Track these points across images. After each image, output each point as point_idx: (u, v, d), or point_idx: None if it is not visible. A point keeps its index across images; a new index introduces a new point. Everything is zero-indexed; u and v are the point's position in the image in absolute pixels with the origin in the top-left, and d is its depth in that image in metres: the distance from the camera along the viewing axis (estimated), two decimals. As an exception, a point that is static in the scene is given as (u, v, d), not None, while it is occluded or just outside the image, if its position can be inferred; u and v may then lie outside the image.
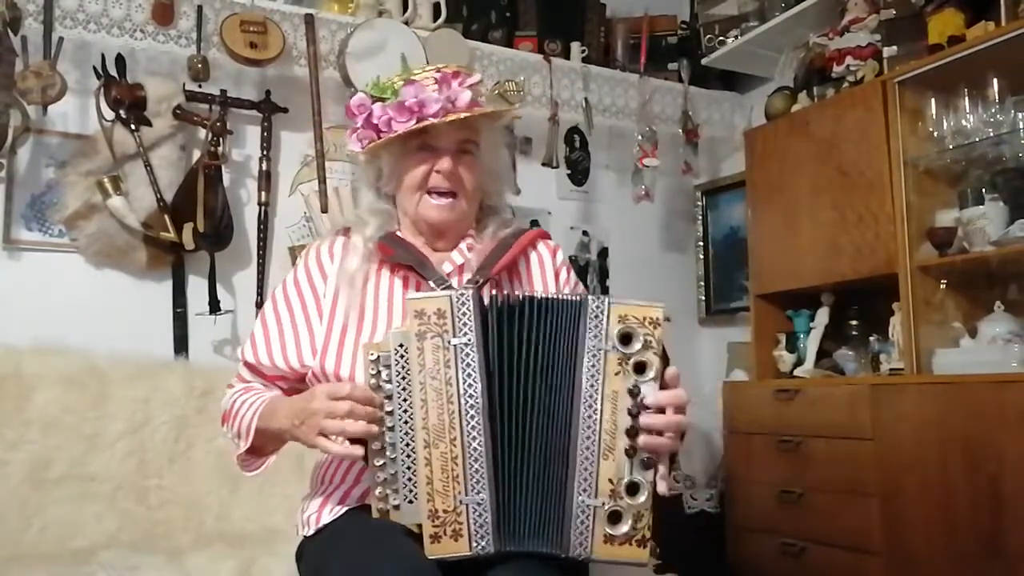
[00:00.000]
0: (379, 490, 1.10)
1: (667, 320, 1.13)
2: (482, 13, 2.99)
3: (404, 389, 1.10)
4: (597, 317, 1.11)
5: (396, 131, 1.33)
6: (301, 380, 1.37)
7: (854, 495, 2.30)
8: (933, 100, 2.36)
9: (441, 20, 2.80)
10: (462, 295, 1.13)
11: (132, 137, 2.31)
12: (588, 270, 3.18)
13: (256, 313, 2.48)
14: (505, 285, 1.39)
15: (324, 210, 2.57)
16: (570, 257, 3.07)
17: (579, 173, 3.21)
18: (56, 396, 2.09)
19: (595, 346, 1.11)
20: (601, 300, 1.12)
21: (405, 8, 2.78)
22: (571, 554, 1.08)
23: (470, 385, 1.10)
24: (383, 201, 1.44)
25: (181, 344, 2.45)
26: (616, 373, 1.10)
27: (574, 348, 1.12)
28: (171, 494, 2.14)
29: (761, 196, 2.87)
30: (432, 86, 1.33)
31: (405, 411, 1.10)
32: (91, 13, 2.33)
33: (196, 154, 2.47)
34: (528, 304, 1.15)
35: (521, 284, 1.42)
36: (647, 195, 3.06)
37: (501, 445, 1.10)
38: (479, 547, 1.06)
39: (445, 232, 1.41)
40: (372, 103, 1.37)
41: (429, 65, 1.42)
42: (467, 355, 1.10)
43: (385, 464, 1.10)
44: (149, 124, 2.33)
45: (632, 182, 3.09)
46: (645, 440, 1.09)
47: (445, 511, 1.07)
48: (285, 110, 2.60)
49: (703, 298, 3.45)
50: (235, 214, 2.51)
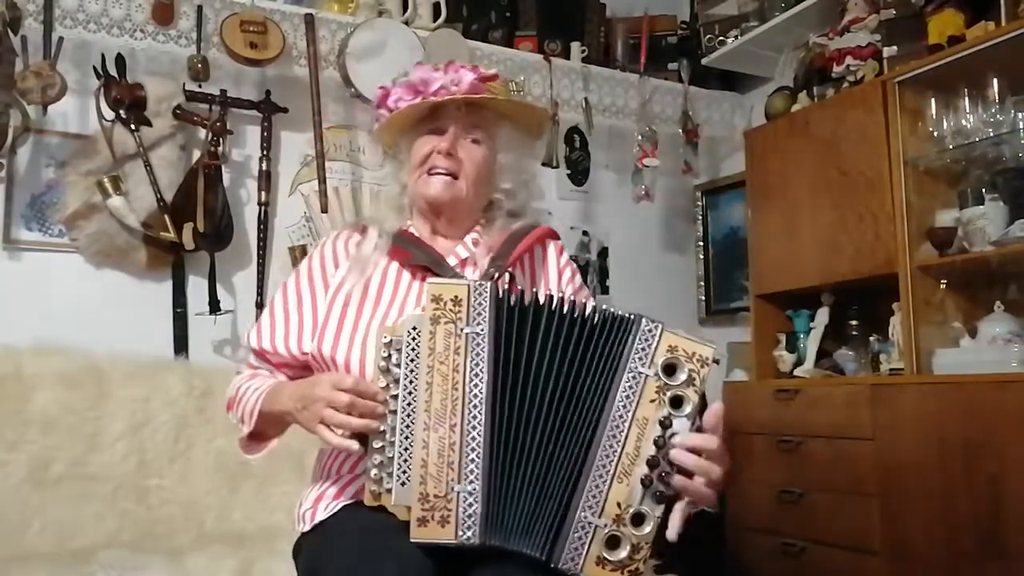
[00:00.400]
0: (375, 472, 1.10)
1: (715, 362, 1.10)
2: (482, 13, 2.99)
3: (412, 372, 1.10)
4: (647, 340, 1.09)
5: (401, 108, 1.39)
6: (305, 367, 1.37)
7: (854, 495, 2.30)
8: (933, 100, 2.36)
9: (441, 20, 2.80)
10: (480, 286, 1.13)
11: (132, 137, 2.31)
12: (588, 270, 3.18)
13: (256, 313, 2.49)
14: (518, 277, 1.39)
15: (324, 210, 2.57)
16: (570, 257, 3.06)
17: (579, 173, 3.21)
18: (56, 396, 2.09)
19: (636, 368, 1.08)
20: (655, 325, 1.10)
21: (405, 8, 2.78)
22: (559, 565, 1.06)
23: (476, 375, 1.09)
24: (403, 195, 1.46)
25: (181, 344, 2.45)
26: (651, 401, 1.08)
27: (612, 363, 1.10)
28: (171, 494, 2.14)
29: (761, 196, 2.87)
30: (440, 69, 1.39)
31: (410, 393, 1.09)
32: (91, 13, 2.33)
33: (196, 154, 2.47)
34: (548, 305, 1.13)
35: (526, 279, 1.43)
36: (647, 195, 3.06)
37: (501, 438, 1.09)
38: (464, 536, 1.05)
39: (442, 211, 1.42)
40: (392, 87, 1.43)
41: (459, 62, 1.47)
42: (478, 344, 1.10)
43: (384, 447, 1.10)
44: (149, 124, 2.33)
45: (632, 182, 3.09)
46: (673, 477, 1.06)
47: (436, 496, 1.06)
48: (285, 110, 2.60)
49: (703, 298, 3.45)
50: (235, 214, 2.52)
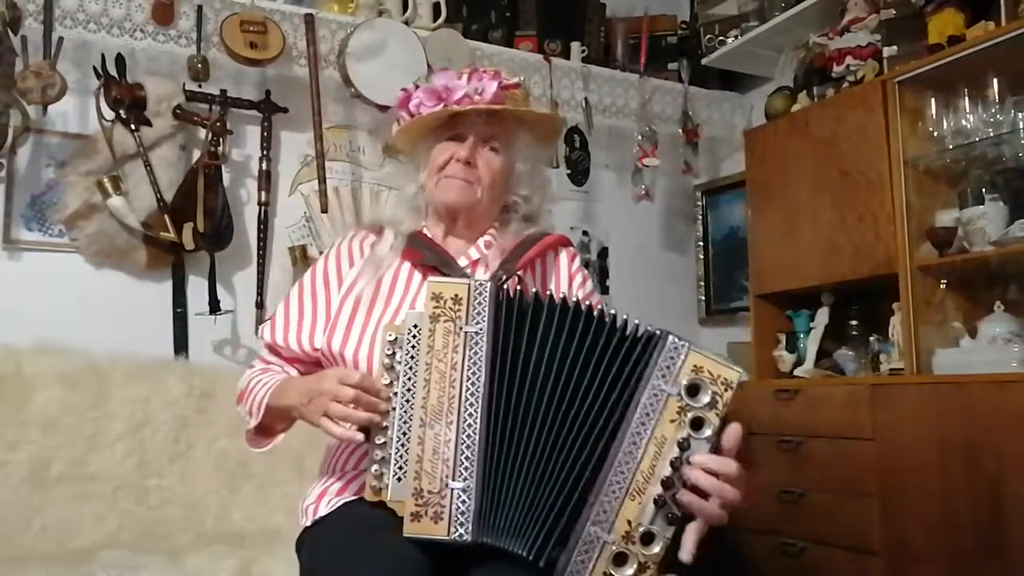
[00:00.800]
0: (375, 468, 1.11)
1: (740, 387, 1.08)
2: (482, 13, 2.99)
3: (411, 368, 1.11)
4: (672, 358, 1.08)
5: (422, 114, 1.39)
6: (316, 363, 1.38)
7: (854, 495, 2.30)
8: (933, 100, 2.36)
9: (441, 20, 2.80)
10: (480, 285, 1.13)
11: (132, 137, 2.31)
12: (588, 270, 3.16)
13: (256, 313, 2.50)
14: (528, 282, 1.39)
15: (324, 210, 2.57)
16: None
17: (579, 173, 3.21)
18: (56, 396, 2.09)
19: (659, 386, 1.07)
20: (682, 344, 1.08)
21: (405, 8, 2.78)
22: (561, 574, 1.05)
23: (474, 372, 1.10)
24: (418, 196, 1.47)
25: (181, 344, 2.45)
26: (671, 420, 1.06)
27: (631, 375, 1.09)
28: (171, 494, 2.14)
29: (761, 196, 2.87)
30: (464, 77, 1.39)
31: (408, 390, 1.10)
32: (91, 13, 2.33)
33: (196, 154, 2.47)
34: (548, 306, 1.13)
35: (537, 284, 1.43)
36: (647, 195, 3.06)
37: (496, 436, 1.09)
38: (457, 533, 1.05)
39: (458, 216, 1.43)
40: (415, 90, 1.43)
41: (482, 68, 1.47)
42: (476, 343, 1.11)
43: (385, 443, 1.11)
44: (149, 124, 2.33)
45: (632, 182, 3.09)
46: (687, 497, 1.06)
47: (430, 492, 1.06)
48: (285, 110, 2.60)
49: (703, 298, 3.44)
50: (235, 214, 2.52)
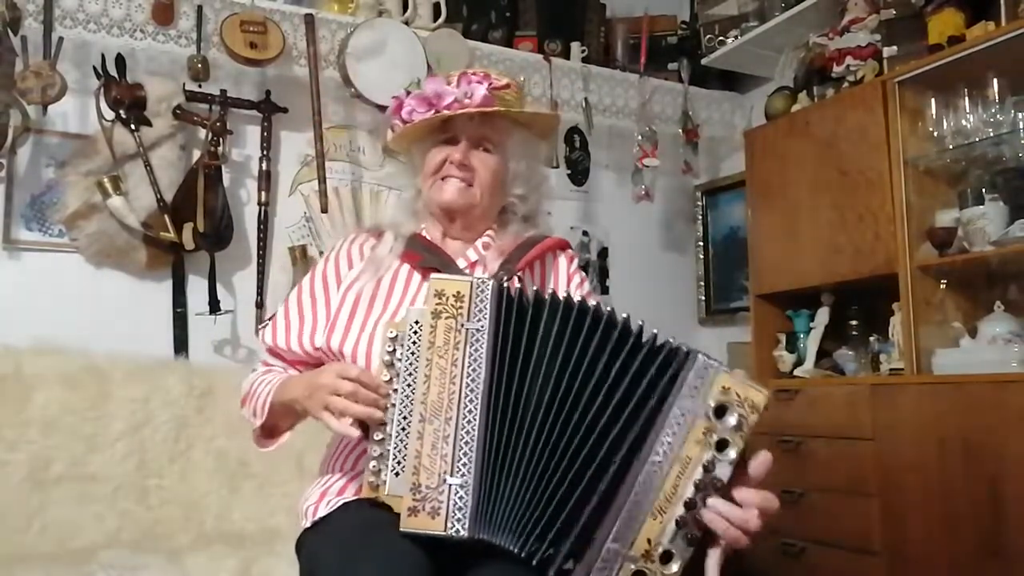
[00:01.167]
0: (373, 464, 1.11)
1: (765, 409, 1.08)
2: (482, 13, 2.99)
3: (411, 364, 1.12)
4: (701, 378, 1.07)
5: (415, 121, 1.41)
6: (319, 364, 1.39)
7: (854, 495, 2.30)
8: (933, 100, 2.36)
9: (441, 20, 2.81)
10: (483, 282, 1.14)
11: (132, 137, 2.31)
12: (588, 270, 3.17)
13: (256, 313, 2.50)
14: (527, 283, 1.40)
15: (324, 210, 2.57)
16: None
17: (579, 173, 3.21)
18: (56, 396, 2.09)
19: (687, 406, 1.07)
20: (712, 363, 1.08)
21: (405, 8, 2.78)
22: None
23: (474, 369, 1.10)
24: (417, 200, 1.49)
25: (181, 344, 2.45)
26: (697, 441, 1.06)
27: (655, 392, 1.08)
28: (171, 494, 2.14)
29: (761, 196, 2.87)
30: (454, 81, 1.41)
31: (408, 385, 1.11)
32: (91, 13, 2.33)
33: (196, 154, 2.47)
34: (551, 305, 1.14)
35: (536, 285, 1.43)
36: (647, 195, 3.06)
37: (495, 434, 1.09)
38: (454, 529, 1.05)
39: (456, 217, 1.44)
40: (406, 96, 1.45)
41: (469, 69, 1.49)
42: (477, 340, 1.11)
43: (383, 439, 1.11)
44: (149, 124, 2.33)
45: (632, 182, 3.09)
46: (699, 519, 1.06)
47: (428, 487, 1.06)
48: (285, 110, 2.60)
49: (703, 298, 3.44)
50: (235, 214, 2.51)
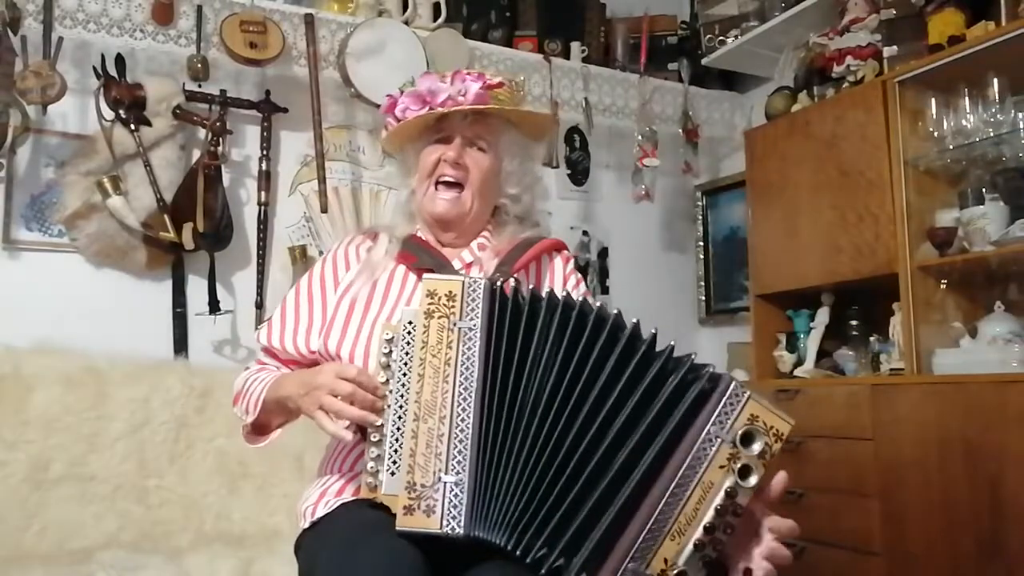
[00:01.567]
0: (370, 465, 1.12)
1: (786, 440, 1.09)
2: (482, 13, 2.99)
3: (406, 364, 1.12)
4: (731, 403, 1.08)
5: (408, 118, 1.41)
6: (313, 365, 1.39)
7: (854, 495, 2.30)
8: (933, 100, 2.36)
9: (441, 20, 2.80)
10: (475, 282, 1.15)
11: (132, 137, 2.30)
12: (588, 270, 3.17)
13: (256, 313, 2.50)
14: (523, 284, 1.40)
15: (324, 210, 2.57)
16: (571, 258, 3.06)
17: (579, 173, 3.21)
18: (56, 396, 2.09)
19: (714, 432, 1.07)
20: (742, 390, 1.08)
21: (405, 8, 2.78)
22: None
23: (467, 368, 1.11)
24: (411, 200, 1.48)
25: (181, 344, 2.45)
26: (720, 466, 1.07)
27: (677, 408, 1.08)
28: (171, 494, 2.14)
29: (761, 196, 2.87)
30: (448, 79, 1.41)
31: (403, 385, 1.12)
32: (91, 13, 2.33)
33: (196, 154, 2.47)
34: (548, 303, 1.14)
35: (531, 286, 1.43)
36: (647, 195, 3.06)
37: (489, 432, 1.09)
38: (449, 527, 1.05)
39: (450, 225, 1.45)
40: (400, 95, 1.45)
41: (464, 69, 1.49)
42: (470, 339, 1.12)
43: (380, 440, 1.12)
44: (149, 124, 2.33)
45: (632, 182, 3.09)
46: (718, 544, 1.05)
47: (423, 485, 1.07)
48: (285, 110, 2.59)
49: (703, 298, 3.44)
50: (235, 214, 2.51)
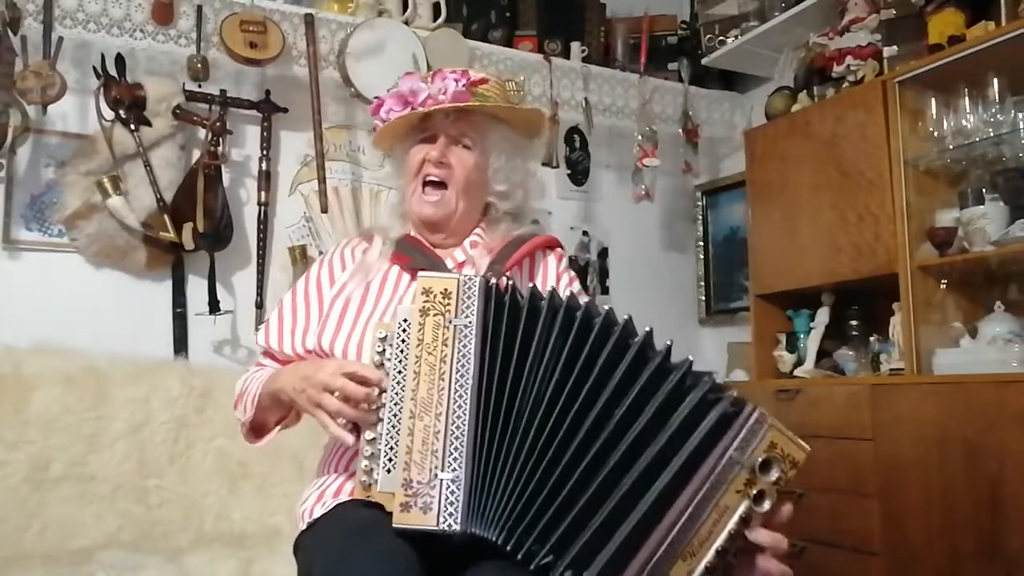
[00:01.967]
0: (365, 464, 1.11)
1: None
2: (482, 13, 2.99)
3: (401, 362, 1.13)
4: (752, 431, 1.06)
5: (390, 119, 1.41)
6: None
7: (854, 495, 2.30)
8: (933, 100, 2.36)
9: (441, 20, 2.80)
10: (470, 280, 1.15)
11: (132, 137, 2.30)
12: (588, 270, 3.17)
13: (256, 313, 2.50)
14: (516, 281, 1.40)
15: (324, 210, 2.57)
16: (570, 257, 3.07)
17: (579, 173, 3.21)
18: (56, 396, 2.08)
19: (735, 456, 1.06)
20: (763, 417, 1.06)
21: (405, 8, 2.78)
22: None
23: (463, 365, 1.11)
24: (404, 201, 1.49)
25: (180, 344, 2.45)
26: (737, 491, 1.06)
27: (697, 430, 1.06)
28: (171, 494, 2.14)
29: (761, 196, 2.87)
30: (429, 78, 1.40)
31: (399, 383, 1.12)
32: (91, 13, 2.33)
33: (196, 154, 2.47)
34: (549, 304, 1.14)
35: (524, 284, 1.43)
36: (647, 195, 3.06)
37: (485, 429, 1.09)
38: (446, 523, 1.05)
39: (438, 227, 1.45)
40: (386, 97, 1.45)
41: (449, 68, 1.46)
42: (465, 336, 1.12)
43: (375, 439, 1.12)
44: (149, 124, 2.33)
45: (632, 182, 3.09)
46: (729, 567, 1.05)
47: (419, 483, 1.07)
48: (285, 110, 2.59)
49: (703, 298, 3.44)
50: (235, 214, 2.51)
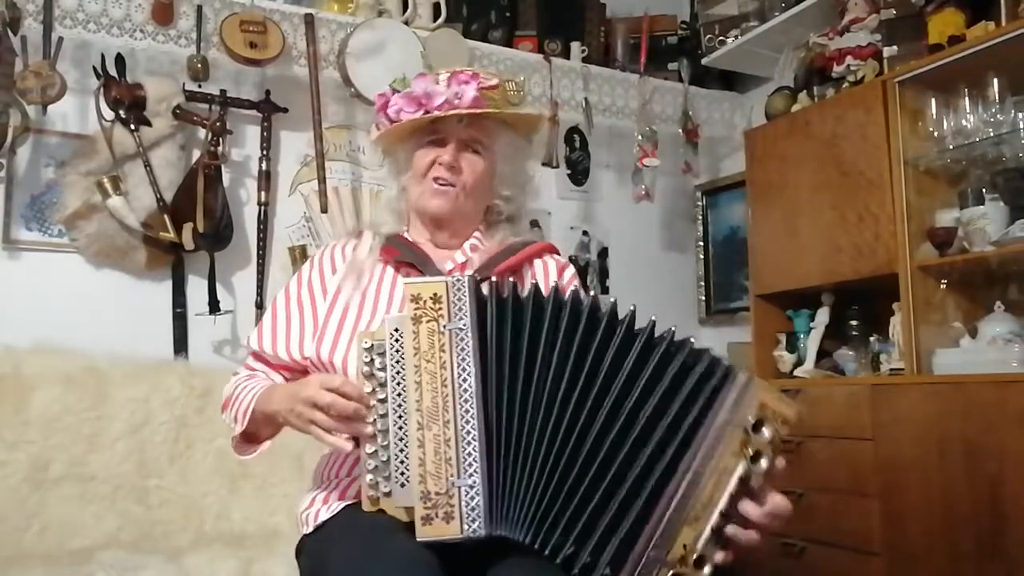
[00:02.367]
0: (370, 477, 1.10)
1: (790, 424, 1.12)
2: (482, 13, 2.99)
3: (399, 373, 1.11)
4: (742, 393, 1.11)
5: (402, 120, 1.39)
6: (304, 372, 1.39)
7: (854, 495, 2.30)
8: (933, 100, 2.35)
9: (441, 20, 2.80)
10: (458, 281, 1.14)
11: (132, 137, 2.30)
12: (588, 270, 3.17)
13: (256, 313, 2.49)
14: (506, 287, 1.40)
15: (324, 210, 2.57)
16: (570, 257, 3.06)
17: (579, 173, 3.21)
18: (56, 396, 2.09)
19: (728, 419, 1.10)
20: (750, 379, 1.11)
21: (405, 8, 2.78)
22: None
23: (464, 369, 1.10)
24: (400, 198, 1.48)
25: (181, 344, 2.45)
26: (734, 453, 1.09)
27: (695, 401, 1.10)
28: (171, 494, 2.14)
29: (761, 196, 2.87)
30: (443, 81, 1.39)
31: (399, 395, 1.10)
32: (91, 13, 2.33)
33: (196, 154, 2.47)
34: (535, 297, 1.14)
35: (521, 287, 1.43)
36: (647, 195, 3.06)
37: (496, 429, 1.09)
38: (470, 530, 1.05)
39: (444, 224, 1.44)
40: (392, 94, 1.43)
41: (457, 67, 1.46)
42: (462, 339, 1.11)
43: (377, 451, 1.10)
44: (149, 124, 2.33)
45: (632, 182, 3.09)
46: (735, 530, 1.08)
47: (437, 493, 1.06)
48: (285, 110, 2.59)
49: (703, 298, 3.44)
50: (235, 214, 2.51)
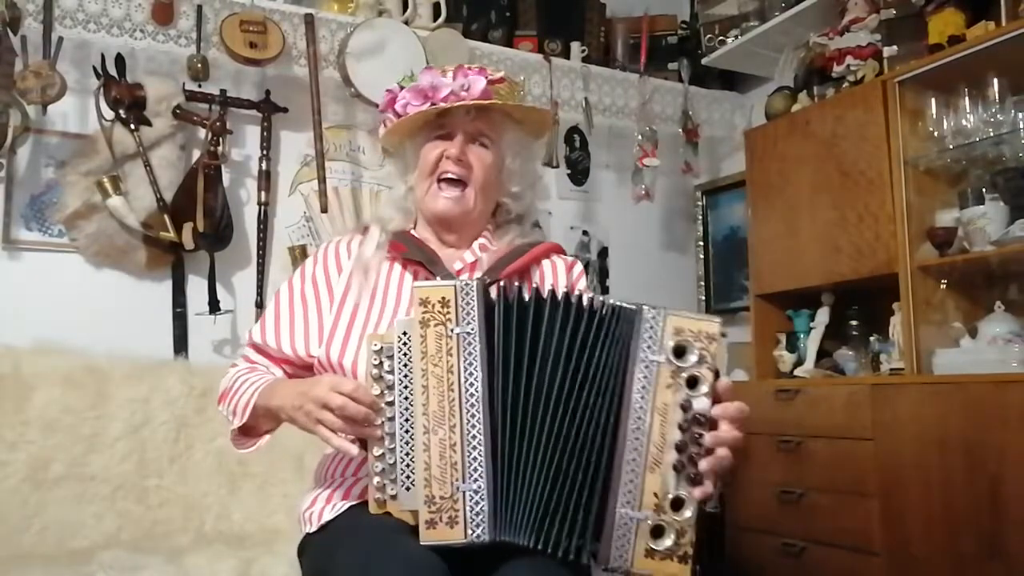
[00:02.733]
0: (377, 480, 1.10)
1: (723, 335, 1.11)
2: (482, 13, 2.99)
3: (406, 376, 1.10)
4: (652, 328, 1.09)
5: (410, 113, 1.38)
6: (307, 368, 1.38)
7: (854, 495, 2.30)
8: (933, 100, 2.36)
9: (441, 20, 2.80)
10: (467, 285, 1.13)
11: (132, 137, 2.30)
12: (588, 270, 3.17)
13: (256, 313, 2.49)
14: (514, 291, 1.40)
15: (324, 210, 2.57)
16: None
17: (579, 173, 3.21)
18: (56, 396, 2.08)
19: (648, 357, 1.08)
20: (658, 312, 1.09)
21: (405, 8, 2.78)
22: (610, 565, 1.06)
23: (471, 374, 1.10)
24: (408, 197, 1.47)
25: (181, 344, 2.45)
26: (668, 386, 1.08)
27: (621, 353, 1.10)
28: (171, 494, 2.14)
29: (761, 196, 2.87)
30: (450, 74, 1.38)
31: (406, 398, 1.10)
32: (91, 13, 2.33)
33: (196, 154, 2.46)
34: (537, 299, 1.14)
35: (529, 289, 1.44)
36: (647, 195, 3.06)
37: (501, 435, 1.09)
38: (474, 534, 1.05)
39: (453, 225, 1.43)
40: (400, 91, 1.43)
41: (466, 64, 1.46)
42: (469, 344, 1.10)
43: (384, 454, 1.10)
44: (149, 124, 2.33)
45: (632, 182, 3.08)
46: (705, 463, 1.07)
47: (442, 497, 1.06)
48: (285, 110, 2.59)
49: (703, 298, 3.44)
50: (235, 214, 2.51)
